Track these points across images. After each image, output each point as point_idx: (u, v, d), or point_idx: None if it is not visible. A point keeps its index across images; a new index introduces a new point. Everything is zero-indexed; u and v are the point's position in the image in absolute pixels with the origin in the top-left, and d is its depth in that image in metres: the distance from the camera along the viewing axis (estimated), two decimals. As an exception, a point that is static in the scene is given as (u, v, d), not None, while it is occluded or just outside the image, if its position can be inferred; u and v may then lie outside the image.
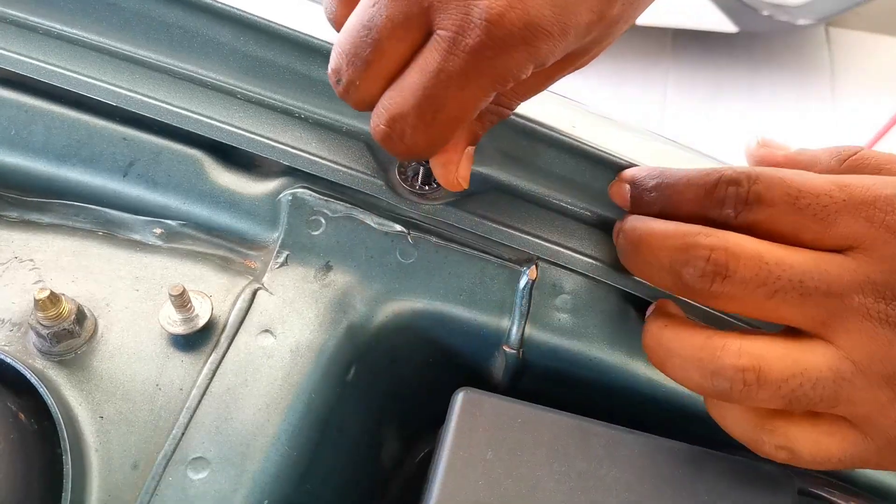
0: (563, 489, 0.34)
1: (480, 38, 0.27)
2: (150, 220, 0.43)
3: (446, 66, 0.28)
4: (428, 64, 0.29)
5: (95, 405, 0.36)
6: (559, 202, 0.44)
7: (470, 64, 0.28)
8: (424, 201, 0.42)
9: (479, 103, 0.30)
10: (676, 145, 0.55)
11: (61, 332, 0.36)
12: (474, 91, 0.29)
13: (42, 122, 0.44)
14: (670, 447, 0.36)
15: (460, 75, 0.28)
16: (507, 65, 0.28)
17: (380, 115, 0.31)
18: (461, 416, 0.36)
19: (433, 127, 0.30)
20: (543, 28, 0.28)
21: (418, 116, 0.30)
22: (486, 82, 0.29)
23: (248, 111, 0.44)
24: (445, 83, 0.29)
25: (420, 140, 0.31)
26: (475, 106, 0.30)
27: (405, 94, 0.30)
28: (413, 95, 0.30)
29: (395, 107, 0.30)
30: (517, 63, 0.29)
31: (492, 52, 0.28)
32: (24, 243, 0.41)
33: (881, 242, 0.31)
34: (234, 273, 0.41)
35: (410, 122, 0.30)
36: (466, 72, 0.28)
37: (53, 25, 0.44)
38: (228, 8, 0.43)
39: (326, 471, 0.39)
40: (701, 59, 2.61)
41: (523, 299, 0.41)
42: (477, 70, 0.28)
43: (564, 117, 0.45)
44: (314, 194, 0.42)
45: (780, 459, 0.33)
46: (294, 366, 0.38)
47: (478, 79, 0.29)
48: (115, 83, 0.43)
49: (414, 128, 0.30)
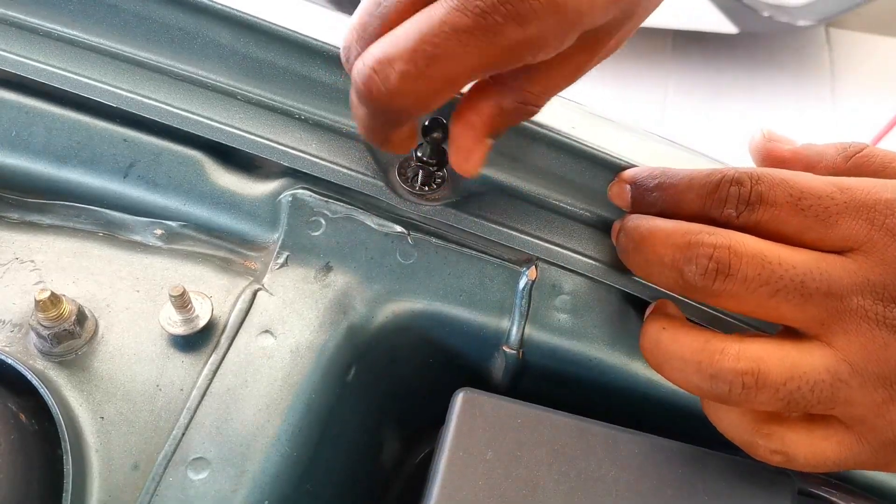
0: (563, 489, 0.34)
1: (493, 2, 0.26)
2: (151, 221, 0.43)
3: (451, 19, 0.27)
4: (432, 14, 0.27)
5: (96, 406, 0.36)
6: (559, 202, 0.44)
7: (477, 23, 0.27)
8: (424, 202, 0.42)
9: (476, 71, 0.28)
10: (676, 146, 0.55)
11: (62, 333, 0.36)
12: (474, 53, 0.27)
13: (43, 123, 0.44)
14: (670, 447, 0.36)
15: (465, 31, 0.27)
16: (515, 36, 0.27)
17: (365, 58, 0.29)
18: (461, 417, 0.36)
19: (421, 79, 0.28)
20: (557, 3, 0.27)
21: (409, 61, 0.27)
22: (489, 50, 0.27)
23: (249, 112, 0.44)
24: (447, 35, 0.27)
25: (404, 89, 0.28)
26: (471, 70, 0.28)
27: (399, 38, 0.28)
28: (407, 40, 0.28)
29: (386, 49, 0.28)
30: (526, 36, 0.27)
31: (502, 17, 0.26)
32: (25, 244, 0.41)
33: (881, 245, 0.31)
34: (235, 274, 0.41)
35: (399, 66, 0.28)
36: (471, 30, 0.27)
37: (54, 27, 0.44)
38: (228, 9, 0.43)
39: (326, 471, 0.39)
40: (701, 60, 2.61)
41: (523, 300, 0.41)
42: (483, 31, 0.27)
43: (564, 118, 0.45)
44: (314, 195, 0.42)
45: (776, 463, 0.33)
46: (294, 366, 0.38)
47: (482, 42, 0.27)
48: (116, 84, 0.43)
49: (401, 74, 0.28)
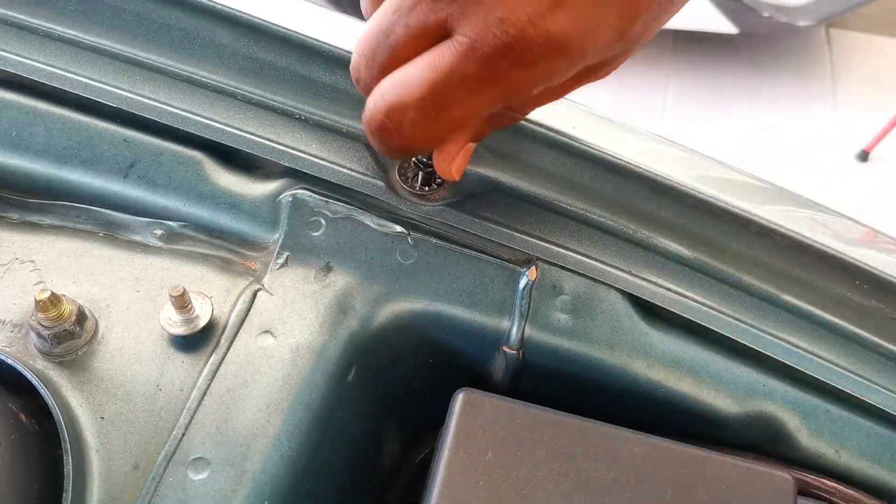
0: (563, 489, 0.34)
1: (500, 49, 0.27)
2: (151, 221, 0.43)
3: (460, 68, 0.28)
4: (441, 62, 0.28)
5: (96, 406, 0.36)
6: (559, 202, 0.44)
7: (484, 71, 0.28)
8: (424, 202, 0.42)
9: (484, 111, 0.30)
10: (676, 146, 0.55)
11: (62, 333, 0.36)
12: (483, 98, 0.29)
13: (43, 123, 0.44)
14: (670, 448, 0.36)
15: (473, 79, 0.28)
16: (522, 79, 0.28)
17: (378, 104, 0.30)
18: (461, 417, 0.36)
19: (434, 125, 0.30)
20: (563, 46, 0.28)
21: (420, 110, 0.29)
22: (497, 92, 0.29)
23: (249, 113, 0.44)
24: (456, 84, 0.28)
25: (417, 135, 0.30)
26: (480, 112, 0.30)
27: (410, 86, 0.29)
28: (419, 89, 0.29)
29: (397, 97, 0.30)
30: (532, 78, 0.28)
31: (509, 63, 0.27)
32: (25, 245, 0.41)
33: None
34: (235, 274, 0.41)
35: (411, 115, 0.30)
36: (479, 77, 0.28)
37: (54, 28, 0.45)
38: (228, 9, 0.43)
39: (326, 471, 0.39)
40: (701, 60, 2.61)
41: (523, 300, 0.41)
42: (491, 78, 0.28)
43: (564, 118, 0.45)
44: (314, 195, 0.42)
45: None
46: (294, 366, 0.38)
47: (490, 87, 0.28)
48: (116, 85, 0.43)
49: (413, 122, 0.30)
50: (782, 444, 0.42)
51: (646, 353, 0.42)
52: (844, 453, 0.42)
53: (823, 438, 0.42)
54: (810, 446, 0.42)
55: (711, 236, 0.44)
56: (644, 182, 0.44)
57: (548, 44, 0.27)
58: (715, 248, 0.44)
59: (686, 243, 0.44)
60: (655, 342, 0.42)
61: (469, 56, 0.28)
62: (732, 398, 0.42)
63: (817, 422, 0.42)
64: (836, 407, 0.42)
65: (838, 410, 0.42)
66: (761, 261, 0.44)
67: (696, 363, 0.42)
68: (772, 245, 0.44)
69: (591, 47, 0.29)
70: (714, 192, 0.45)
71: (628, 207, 0.44)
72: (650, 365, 0.41)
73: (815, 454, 0.42)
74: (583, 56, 0.29)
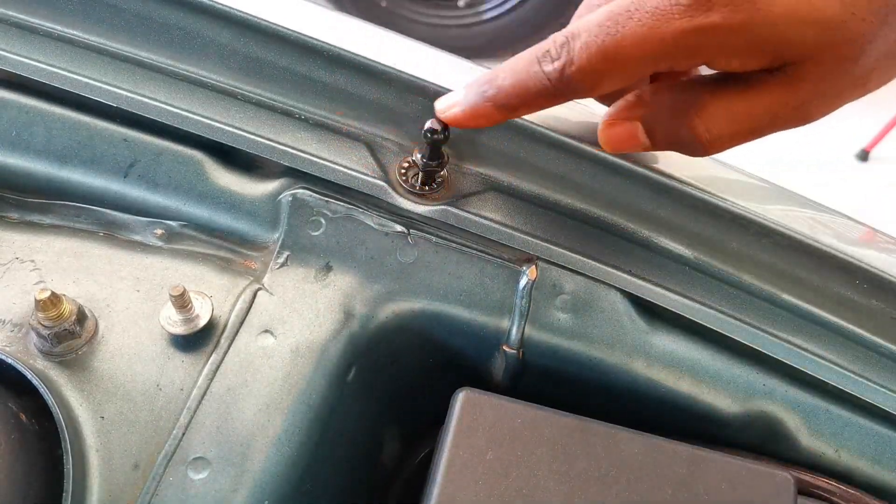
0: (563, 489, 0.34)
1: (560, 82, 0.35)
2: (151, 220, 0.43)
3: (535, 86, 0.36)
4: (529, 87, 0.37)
5: (96, 405, 0.36)
6: (559, 202, 0.44)
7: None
8: (424, 202, 0.42)
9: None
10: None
11: (62, 333, 0.36)
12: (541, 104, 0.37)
13: (43, 123, 0.44)
14: (670, 447, 0.36)
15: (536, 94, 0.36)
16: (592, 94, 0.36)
17: (476, 87, 0.37)
18: (461, 416, 0.36)
19: (501, 111, 0.37)
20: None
21: (506, 96, 0.37)
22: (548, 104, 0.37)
23: (249, 112, 0.44)
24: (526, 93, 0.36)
25: (488, 111, 0.37)
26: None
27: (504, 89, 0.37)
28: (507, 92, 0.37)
29: (491, 90, 0.37)
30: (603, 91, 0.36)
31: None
32: (25, 244, 0.41)
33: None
34: (235, 274, 0.41)
35: (500, 99, 0.37)
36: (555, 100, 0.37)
37: (54, 27, 0.44)
38: (228, 9, 0.43)
39: (326, 471, 0.39)
40: (701, 60, 2.61)
41: (523, 299, 0.41)
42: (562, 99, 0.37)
43: (565, 118, 0.45)
44: (314, 195, 0.42)
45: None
46: (294, 366, 0.38)
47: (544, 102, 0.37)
48: (116, 84, 0.43)
49: (497, 105, 0.37)
50: (782, 443, 0.42)
51: (646, 353, 0.42)
52: (844, 453, 0.42)
53: (823, 438, 0.42)
54: (810, 446, 0.42)
55: (711, 236, 0.44)
56: (644, 182, 0.44)
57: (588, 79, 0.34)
58: (715, 248, 0.44)
59: (686, 243, 0.44)
60: (655, 342, 0.42)
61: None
62: (732, 398, 0.42)
63: (817, 421, 0.42)
64: (836, 407, 0.42)
65: (838, 410, 0.42)
66: (761, 261, 0.44)
67: (696, 363, 0.42)
68: (772, 245, 0.44)
69: (635, 61, 0.33)
70: (714, 192, 0.45)
71: (628, 207, 0.44)
72: (650, 364, 0.41)
73: (815, 454, 0.42)
74: (637, 67, 0.34)
